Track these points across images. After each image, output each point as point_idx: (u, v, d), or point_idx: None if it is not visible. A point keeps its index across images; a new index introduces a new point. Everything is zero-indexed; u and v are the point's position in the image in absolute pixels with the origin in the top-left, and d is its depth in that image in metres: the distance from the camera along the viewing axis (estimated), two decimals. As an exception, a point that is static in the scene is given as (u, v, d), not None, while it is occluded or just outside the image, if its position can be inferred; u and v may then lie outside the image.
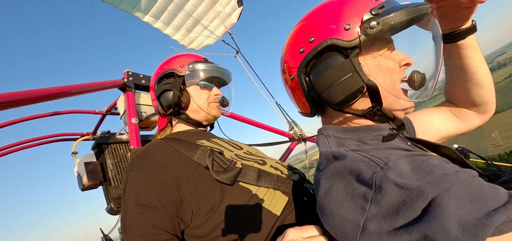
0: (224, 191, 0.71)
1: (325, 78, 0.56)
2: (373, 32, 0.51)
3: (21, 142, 1.82)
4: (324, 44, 0.55)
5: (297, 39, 0.62)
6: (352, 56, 0.54)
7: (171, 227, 0.67)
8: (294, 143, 2.17)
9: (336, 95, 0.56)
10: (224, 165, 0.75)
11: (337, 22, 0.55)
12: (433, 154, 0.50)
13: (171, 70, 0.97)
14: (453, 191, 0.36)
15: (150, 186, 0.69)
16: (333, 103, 0.57)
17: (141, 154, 0.77)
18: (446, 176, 0.38)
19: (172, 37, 3.72)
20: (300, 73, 0.60)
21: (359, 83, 0.54)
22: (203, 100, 0.98)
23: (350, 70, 0.54)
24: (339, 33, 0.54)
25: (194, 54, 1.06)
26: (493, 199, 0.35)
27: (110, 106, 1.89)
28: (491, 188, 0.37)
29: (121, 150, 1.59)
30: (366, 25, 0.51)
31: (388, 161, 0.44)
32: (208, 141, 0.90)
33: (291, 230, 0.53)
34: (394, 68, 0.57)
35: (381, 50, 0.57)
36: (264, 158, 0.91)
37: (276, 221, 0.69)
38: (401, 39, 0.58)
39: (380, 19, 0.50)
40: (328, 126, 0.65)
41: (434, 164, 0.42)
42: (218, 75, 1.03)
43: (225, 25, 3.51)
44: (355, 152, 0.51)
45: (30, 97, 0.85)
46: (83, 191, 1.50)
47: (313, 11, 0.62)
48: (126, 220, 0.68)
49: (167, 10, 3.28)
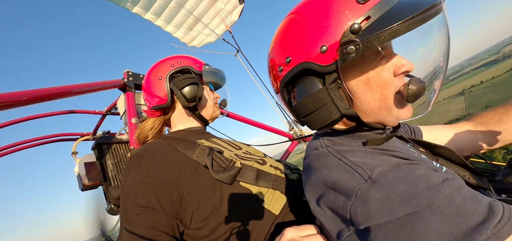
0: (224, 192, 0.71)
1: (302, 106, 0.52)
2: (351, 57, 0.44)
3: (21, 142, 1.82)
4: (300, 67, 0.50)
5: (277, 52, 0.57)
6: (328, 83, 0.49)
7: (170, 229, 0.67)
8: (294, 143, 2.18)
9: (313, 124, 0.53)
10: (224, 164, 0.75)
11: (313, 41, 0.48)
12: (420, 163, 0.46)
13: (187, 66, 0.99)
14: (435, 207, 0.36)
15: (148, 187, 0.68)
16: (313, 129, 0.55)
17: (140, 153, 0.76)
18: (430, 189, 0.38)
19: (173, 35, 3.73)
20: (282, 92, 0.58)
21: (335, 113, 0.50)
22: (210, 100, 1.05)
23: (326, 100, 0.49)
24: (315, 56, 0.48)
25: (198, 59, 1.09)
26: (473, 214, 0.34)
27: (110, 106, 1.89)
28: (473, 202, 0.36)
29: (121, 150, 1.59)
30: (343, 49, 0.44)
31: (373, 173, 0.42)
32: (208, 141, 0.90)
33: (289, 229, 0.53)
34: (386, 80, 0.50)
35: (371, 63, 0.50)
36: (263, 157, 0.91)
37: (275, 220, 0.69)
38: (399, 41, 0.45)
39: (360, 43, 0.42)
40: (324, 133, 0.63)
41: (420, 175, 0.41)
42: (221, 82, 1.09)
43: (226, 23, 3.51)
44: (342, 156, 0.50)
45: (30, 97, 0.85)
46: (83, 191, 1.50)
47: (289, 21, 0.55)
48: (124, 220, 0.67)
49: (168, 8, 3.28)
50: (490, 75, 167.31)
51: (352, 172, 0.44)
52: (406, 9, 0.40)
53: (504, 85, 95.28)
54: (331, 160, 0.50)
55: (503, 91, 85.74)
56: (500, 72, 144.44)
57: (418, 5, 0.40)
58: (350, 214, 0.42)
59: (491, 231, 0.32)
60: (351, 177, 0.44)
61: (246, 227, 0.68)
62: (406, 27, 0.40)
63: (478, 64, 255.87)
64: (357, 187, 0.42)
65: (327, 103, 0.49)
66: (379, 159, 0.46)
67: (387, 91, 0.50)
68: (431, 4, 0.40)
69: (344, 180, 0.44)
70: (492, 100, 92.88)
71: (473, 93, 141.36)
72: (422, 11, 0.39)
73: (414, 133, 0.83)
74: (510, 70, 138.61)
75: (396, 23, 0.40)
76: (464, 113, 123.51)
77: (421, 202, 0.36)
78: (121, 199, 0.71)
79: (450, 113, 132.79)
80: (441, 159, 0.62)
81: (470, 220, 0.33)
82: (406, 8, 0.41)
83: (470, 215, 0.34)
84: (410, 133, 0.83)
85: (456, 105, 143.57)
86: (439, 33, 0.47)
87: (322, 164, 0.52)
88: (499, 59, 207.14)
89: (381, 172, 0.42)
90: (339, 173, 0.46)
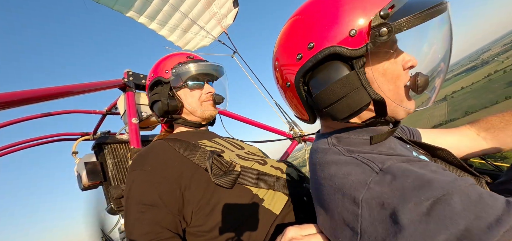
0: (225, 192, 0.72)
1: (328, 93, 0.49)
2: (383, 39, 0.44)
3: (21, 142, 1.82)
4: (327, 52, 0.48)
5: (294, 40, 0.54)
6: (358, 67, 0.48)
7: (174, 226, 0.68)
8: (294, 143, 2.17)
9: (340, 112, 0.50)
10: (223, 168, 0.75)
11: (341, 24, 0.47)
12: (428, 162, 0.47)
13: (157, 77, 0.95)
14: (451, 199, 0.35)
15: (152, 185, 0.70)
16: (337, 119, 0.52)
17: (144, 153, 0.79)
18: (445, 183, 0.37)
19: (168, 39, 3.71)
20: (298, 82, 0.54)
21: (365, 99, 0.48)
22: (194, 101, 0.96)
23: (356, 85, 0.48)
24: (344, 40, 0.47)
25: (180, 53, 1.02)
26: (492, 208, 0.34)
27: (110, 106, 1.89)
28: (490, 197, 0.36)
29: (121, 150, 1.59)
30: (375, 31, 0.44)
31: (384, 165, 0.43)
32: (210, 141, 0.90)
33: (290, 228, 0.53)
34: (399, 73, 0.52)
35: (387, 54, 0.51)
36: (264, 158, 0.91)
37: (275, 220, 0.69)
38: (405, 37, 0.51)
39: (392, 25, 0.43)
40: (327, 133, 0.63)
41: (432, 170, 0.41)
42: (205, 71, 0.98)
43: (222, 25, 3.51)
44: (352, 154, 0.50)
45: (30, 97, 0.86)
46: (83, 191, 1.50)
47: (310, 4, 0.54)
48: (128, 219, 0.68)
49: (162, 11, 3.26)
50: (470, 81, 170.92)
51: (362, 166, 0.45)
52: (421, 3, 0.44)
53: (482, 90, 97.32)
54: (339, 157, 0.51)
55: (481, 96, 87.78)
56: (479, 78, 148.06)
57: (429, 1, 0.43)
58: (362, 206, 0.41)
59: (511, 225, 0.32)
60: (362, 170, 0.44)
61: (246, 226, 0.68)
62: (426, 16, 0.42)
63: (460, 70, 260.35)
64: (369, 179, 0.42)
65: (357, 87, 0.48)
66: (388, 156, 0.47)
67: (400, 83, 0.52)
68: (440, 1, 0.43)
69: (355, 174, 0.44)
70: (472, 106, 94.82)
71: (455, 99, 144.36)
72: (436, 4, 0.43)
73: (413, 135, 0.83)
74: (487, 76, 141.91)
75: (419, 11, 0.42)
76: (446, 119, 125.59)
77: (436, 192, 0.36)
78: (124, 198, 0.72)
79: (434, 118, 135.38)
80: (439, 160, 0.62)
81: (489, 213, 0.33)
82: (420, 2, 0.44)
83: (488, 209, 0.34)
84: (409, 135, 0.83)
85: (439, 111, 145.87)
86: (442, 31, 0.50)
87: (330, 161, 0.52)
88: (478, 65, 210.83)
89: (392, 164, 0.43)
90: (349, 168, 0.46)
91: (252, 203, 0.71)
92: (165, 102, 0.92)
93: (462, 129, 0.81)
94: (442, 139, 0.80)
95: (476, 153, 0.77)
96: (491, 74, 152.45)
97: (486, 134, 0.76)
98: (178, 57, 0.99)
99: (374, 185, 0.41)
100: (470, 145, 0.77)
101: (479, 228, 0.32)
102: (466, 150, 0.77)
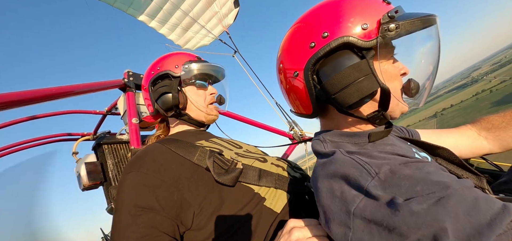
0: (226, 192, 0.71)
1: (340, 77, 0.52)
2: (391, 35, 0.49)
3: (22, 142, 1.83)
4: (341, 40, 0.52)
5: (307, 30, 0.58)
6: (369, 57, 0.52)
7: (171, 230, 0.65)
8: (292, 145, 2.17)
9: (349, 97, 0.53)
10: (225, 166, 0.74)
11: (355, 19, 0.52)
12: (427, 162, 0.49)
13: (165, 71, 0.95)
14: (447, 201, 0.36)
15: (149, 188, 0.67)
16: (345, 105, 0.54)
17: (140, 155, 0.76)
18: (442, 184, 0.38)
19: (167, 37, 3.71)
20: (308, 70, 0.57)
21: (374, 85, 0.52)
22: (201, 100, 0.98)
23: (367, 71, 0.51)
24: (357, 32, 0.52)
25: (186, 53, 1.03)
26: (488, 210, 0.34)
27: (110, 106, 1.89)
28: (486, 200, 0.36)
29: (121, 150, 1.59)
30: (384, 26, 0.50)
31: (380, 170, 0.44)
32: (208, 141, 0.89)
33: (294, 227, 0.53)
34: (396, 75, 0.58)
35: (388, 55, 0.57)
36: (264, 155, 0.91)
37: (276, 218, 0.69)
38: (400, 47, 0.59)
39: (399, 23, 0.48)
40: (325, 131, 0.65)
41: (429, 172, 0.42)
42: (212, 73, 1.01)
43: (223, 25, 3.51)
44: (351, 154, 0.51)
45: (31, 97, 0.86)
46: (84, 191, 1.50)
47: (321, 6, 0.59)
48: (120, 221, 0.64)
49: (162, 9, 3.27)
50: (459, 99, 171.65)
51: (359, 169, 0.46)
52: (418, 12, 0.51)
53: (470, 109, 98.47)
54: (341, 157, 0.52)
55: (468, 115, 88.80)
56: (468, 97, 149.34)
57: (423, 12, 0.51)
58: (353, 213, 0.43)
59: (507, 226, 0.32)
60: (359, 173, 0.45)
61: (248, 225, 0.67)
62: (425, 21, 0.50)
63: (451, 87, 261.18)
64: (366, 183, 0.43)
65: (368, 73, 0.52)
66: (386, 157, 0.49)
67: (397, 85, 0.58)
68: (432, 14, 0.50)
69: (353, 176, 0.46)
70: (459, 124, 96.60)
71: (444, 116, 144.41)
72: (430, 14, 0.50)
73: (412, 136, 0.83)
74: (475, 94, 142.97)
75: (418, 17, 0.49)
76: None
77: (432, 195, 0.37)
78: (116, 199, 0.68)
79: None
80: (439, 159, 0.62)
81: (485, 215, 0.34)
82: (417, 13, 0.51)
83: (485, 211, 0.34)
84: (409, 136, 0.83)
85: (429, 127, 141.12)
86: (432, 43, 0.57)
87: (328, 160, 0.53)
88: (468, 83, 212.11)
89: (389, 168, 0.44)
90: (346, 168, 0.48)
91: (254, 202, 0.71)
92: (176, 96, 0.92)
93: (462, 129, 0.81)
94: (442, 139, 0.80)
95: (477, 153, 0.77)
96: (479, 93, 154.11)
97: (487, 134, 0.76)
98: (186, 56, 1.00)
99: (370, 189, 0.42)
100: (470, 145, 0.77)
101: (473, 230, 0.33)
102: (467, 150, 0.77)
